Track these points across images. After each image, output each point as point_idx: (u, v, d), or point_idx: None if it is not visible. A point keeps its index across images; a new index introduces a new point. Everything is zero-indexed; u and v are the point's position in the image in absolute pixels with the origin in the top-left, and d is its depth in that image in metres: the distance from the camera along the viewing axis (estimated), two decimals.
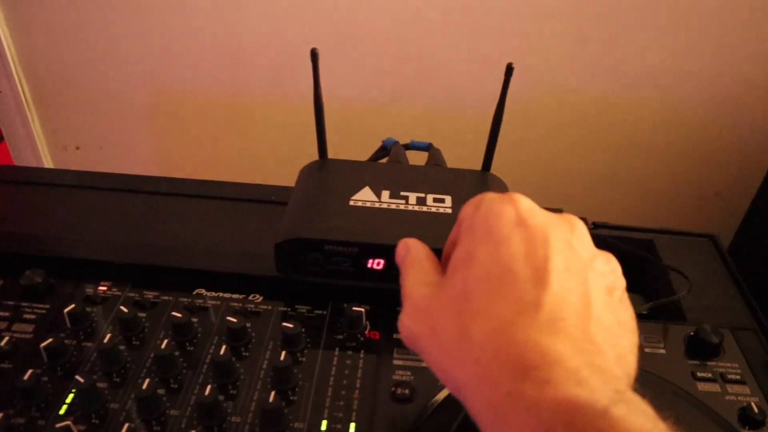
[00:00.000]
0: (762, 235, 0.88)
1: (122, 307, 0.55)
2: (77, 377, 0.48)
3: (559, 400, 0.30)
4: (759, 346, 0.60)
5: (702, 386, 0.54)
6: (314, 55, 0.60)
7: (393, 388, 0.51)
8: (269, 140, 1.20)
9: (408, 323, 0.39)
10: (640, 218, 1.16)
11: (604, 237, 0.71)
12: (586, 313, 0.35)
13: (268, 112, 1.16)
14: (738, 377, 0.55)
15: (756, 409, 0.51)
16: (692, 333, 0.58)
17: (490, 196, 0.40)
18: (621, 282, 0.39)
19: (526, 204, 0.39)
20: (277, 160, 1.18)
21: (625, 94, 1.03)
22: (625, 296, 0.39)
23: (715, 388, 0.54)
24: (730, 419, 0.51)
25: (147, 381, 0.48)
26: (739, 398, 0.53)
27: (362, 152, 0.78)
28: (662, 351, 0.57)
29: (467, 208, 0.41)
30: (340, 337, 0.56)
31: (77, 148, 1.29)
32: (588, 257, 0.38)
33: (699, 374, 0.55)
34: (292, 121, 1.13)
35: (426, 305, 0.39)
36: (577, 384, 0.30)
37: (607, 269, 0.38)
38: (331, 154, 0.68)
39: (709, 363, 0.56)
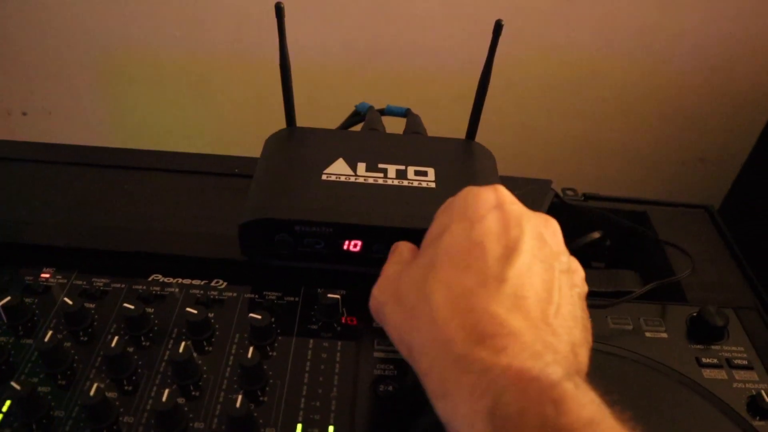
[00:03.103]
0: (753, 204, 0.85)
1: (67, 299, 0.49)
2: (13, 384, 0.42)
3: (514, 368, 0.30)
4: (762, 326, 0.56)
5: (708, 373, 0.50)
6: (279, 10, 0.53)
7: (375, 385, 0.46)
8: (232, 105, 1.12)
9: (376, 293, 0.41)
10: (624, 184, 1.13)
11: (597, 210, 0.66)
12: (548, 297, 0.36)
13: (230, 75, 1.08)
14: (745, 362, 0.51)
15: (766, 398, 0.48)
16: (695, 314, 0.54)
17: (473, 186, 0.42)
18: (584, 286, 0.40)
19: (506, 192, 0.41)
20: (242, 128, 1.10)
21: (612, 55, 0.97)
22: (584, 301, 0.40)
23: (721, 374, 0.50)
24: (738, 408, 0.48)
25: (95, 386, 0.42)
26: (747, 385, 0.50)
27: (333, 119, 0.72)
28: (664, 335, 0.53)
29: (449, 199, 0.42)
30: (314, 326, 0.51)
31: (24, 114, 1.20)
32: (557, 251, 0.39)
33: (704, 360, 0.51)
34: (257, 85, 1.05)
35: (395, 277, 0.40)
36: (531, 357, 0.31)
37: (573, 267, 0.40)
38: (300, 120, 0.61)
39: (713, 347, 0.53)
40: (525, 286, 0.35)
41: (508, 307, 0.34)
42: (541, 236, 0.39)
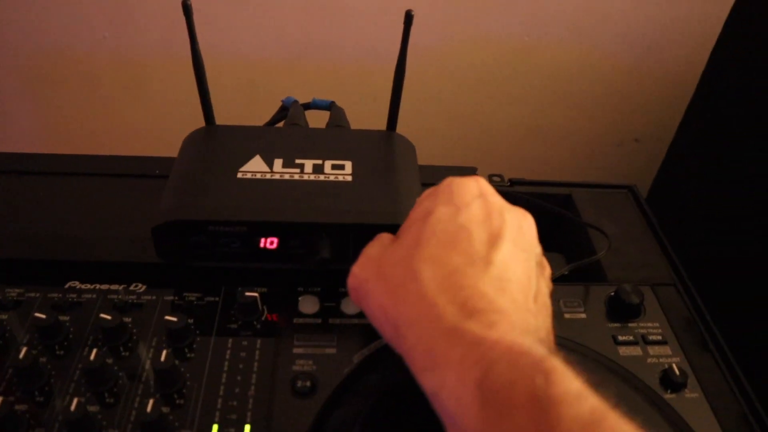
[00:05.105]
0: (678, 182, 0.87)
1: None
2: None
3: (505, 341, 0.31)
4: (679, 301, 0.58)
5: (624, 350, 0.52)
6: (186, 8, 0.52)
7: (293, 381, 0.46)
8: (165, 106, 1.10)
9: (357, 270, 0.41)
10: (559, 169, 1.14)
11: (520, 195, 0.67)
12: (528, 284, 0.38)
13: (162, 75, 1.06)
14: (659, 338, 0.53)
15: (677, 371, 0.49)
16: (612, 294, 0.55)
17: (455, 176, 0.43)
18: (550, 283, 0.44)
19: (487, 184, 0.43)
20: (177, 129, 1.08)
21: (541, 40, 0.98)
22: (551, 296, 0.42)
23: (636, 351, 0.52)
24: (652, 383, 0.49)
25: (1, 399, 0.41)
26: (661, 360, 0.51)
27: (266, 114, 0.71)
28: (582, 315, 0.54)
29: (431, 188, 0.44)
30: (234, 325, 0.50)
31: None
32: (533, 243, 0.42)
33: (620, 338, 0.52)
34: (189, 84, 1.03)
35: (377, 256, 0.41)
36: (521, 333, 0.33)
37: (544, 263, 0.43)
38: (232, 118, 0.61)
39: (630, 324, 0.54)
40: (509, 271, 0.37)
41: (495, 288, 0.35)
42: (520, 227, 0.41)
